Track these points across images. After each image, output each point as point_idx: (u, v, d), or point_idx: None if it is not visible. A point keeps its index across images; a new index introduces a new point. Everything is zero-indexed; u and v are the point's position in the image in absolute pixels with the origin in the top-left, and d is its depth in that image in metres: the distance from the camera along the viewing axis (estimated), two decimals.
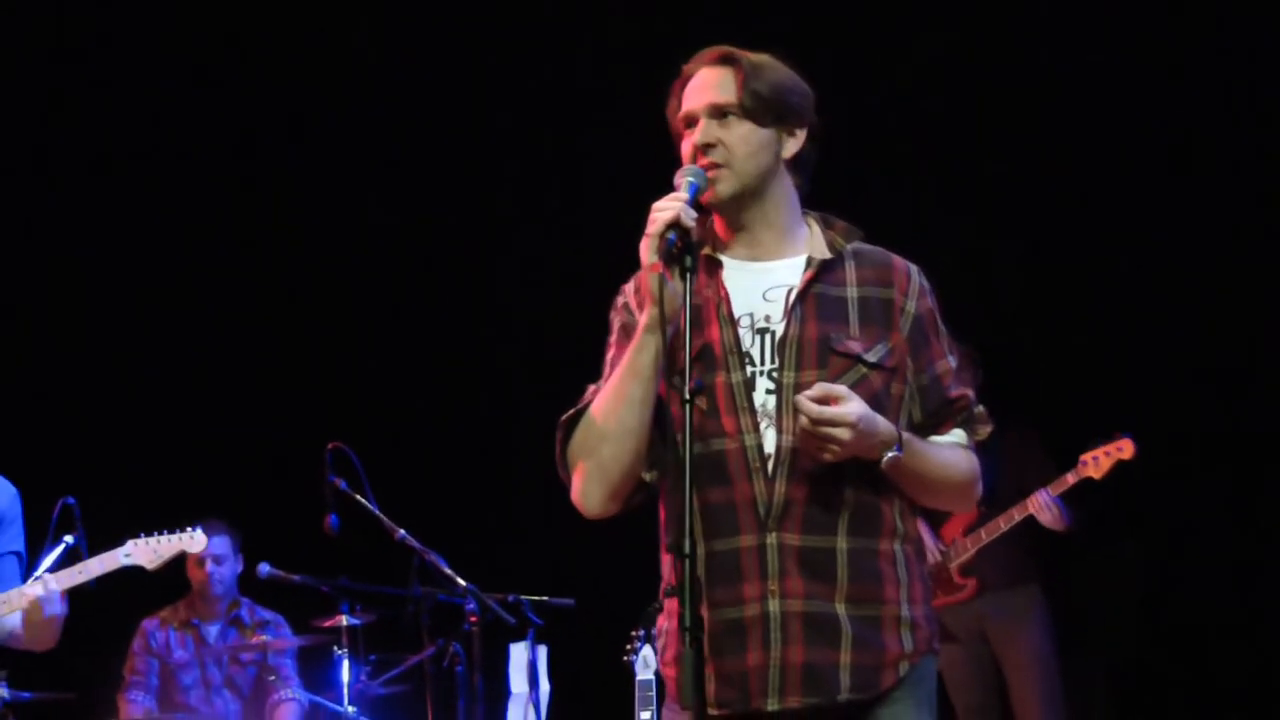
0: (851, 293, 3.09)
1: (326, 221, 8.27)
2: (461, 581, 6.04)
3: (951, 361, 3.17)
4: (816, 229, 3.16)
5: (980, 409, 3.20)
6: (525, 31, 7.99)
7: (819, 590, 2.95)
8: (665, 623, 3.10)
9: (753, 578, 2.95)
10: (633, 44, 7.49)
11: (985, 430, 3.21)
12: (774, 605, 2.94)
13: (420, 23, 8.09)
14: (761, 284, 3.08)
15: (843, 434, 2.86)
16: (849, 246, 3.13)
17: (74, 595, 4.92)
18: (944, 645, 6.29)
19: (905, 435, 3.00)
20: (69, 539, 5.24)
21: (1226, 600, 7.29)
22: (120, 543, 4.87)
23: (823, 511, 2.98)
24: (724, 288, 3.05)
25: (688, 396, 2.85)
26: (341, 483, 6.13)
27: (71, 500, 5.31)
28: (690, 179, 2.98)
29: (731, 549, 2.97)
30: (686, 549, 2.76)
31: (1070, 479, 6.27)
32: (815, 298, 3.06)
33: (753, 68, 3.07)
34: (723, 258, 3.10)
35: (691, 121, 3.07)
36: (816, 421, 2.86)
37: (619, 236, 3.22)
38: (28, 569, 5.06)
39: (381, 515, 6.10)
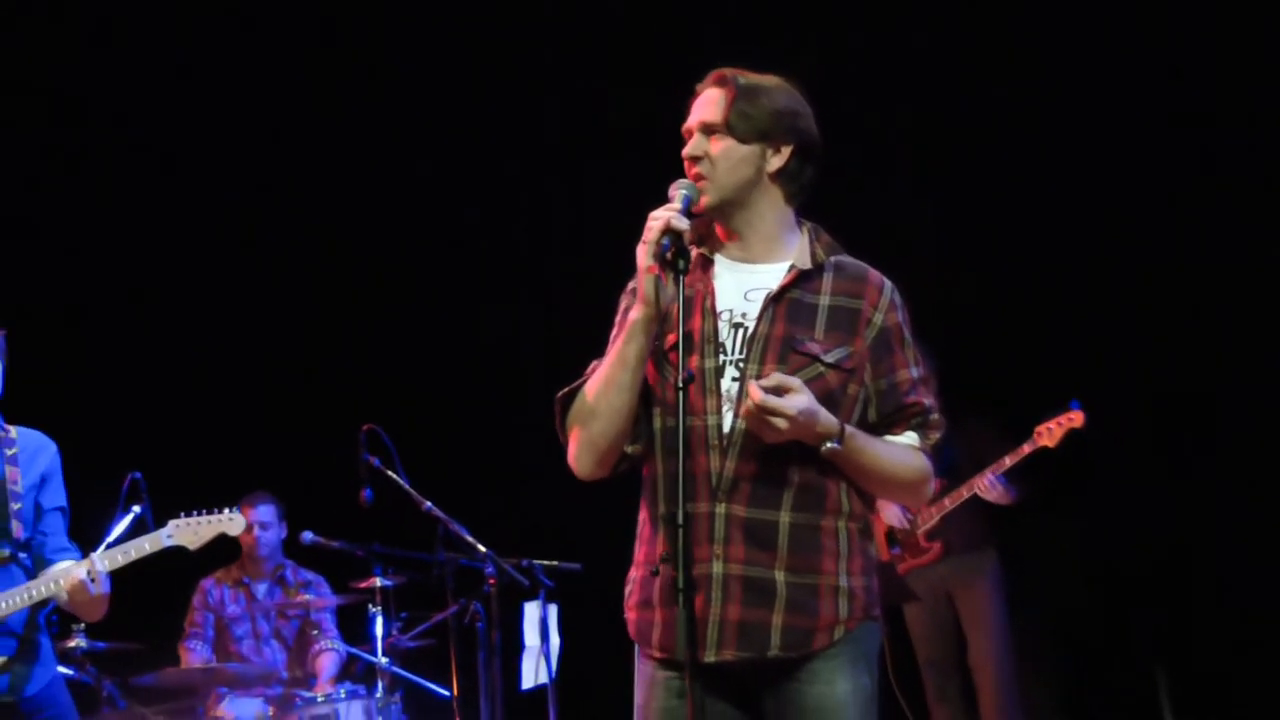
0: (824, 300, 3.07)
1: (367, 228, 8.15)
2: (481, 548, 6.03)
3: (914, 372, 3.13)
4: (807, 239, 3.13)
5: (935, 416, 3.16)
6: (559, 36, 7.86)
7: (759, 558, 2.95)
8: (633, 573, 3.09)
9: (703, 541, 2.95)
10: (649, 55, 7.35)
11: (936, 435, 3.17)
12: (718, 567, 2.94)
13: (453, 24, 7.91)
14: (746, 284, 3.07)
15: (780, 423, 2.86)
16: (831, 259, 3.10)
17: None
18: (910, 604, 6.26)
19: (849, 430, 2.98)
20: (136, 509, 5.25)
21: (1156, 556, 7.20)
22: (163, 524, 4.66)
23: (768, 488, 2.97)
24: (712, 284, 3.06)
25: (680, 385, 2.85)
26: (375, 460, 6.11)
27: (138, 475, 5.35)
28: (684, 191, 2.98)
29: (688, 514, 2.92)
30: (680, 519, 2.79)
31: (1026, 449, 6.23)
32: (789, 301, 3.05)
33: (744, 89, 3.06)
34: (716, 257, 3.10)
35: (689, 134, 3.08)
36: (761, 407, 2.86)
37: (624, 236, 3.21)
38: (95, 541, 4.94)
39: (410, 489, 6.08)
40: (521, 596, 6.24)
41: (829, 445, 2.93)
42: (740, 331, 3.03)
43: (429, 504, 6.05)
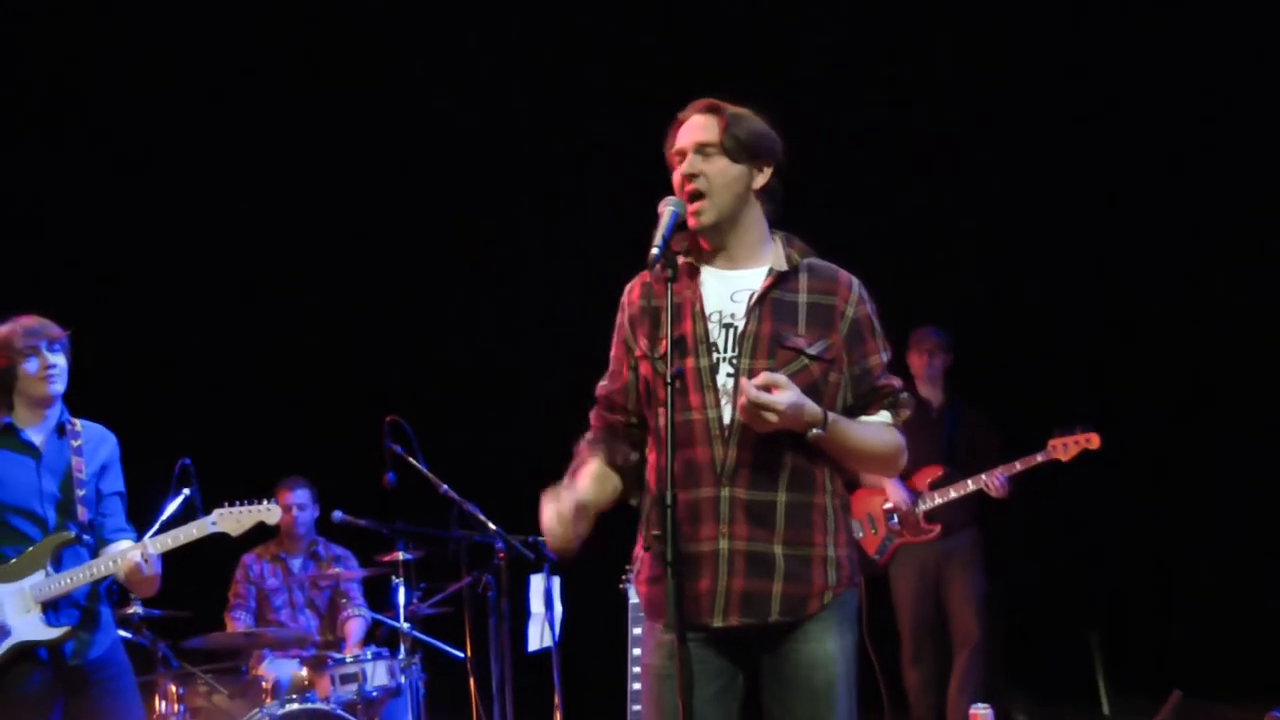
0: (802, 298, 3.14)
1: (393, 243, 8.13)
2: (492, 525, 6.05)
3: (883, 356, 3.21)
4: (780, 245, 3.19)
5: (904, 395, 3.23)
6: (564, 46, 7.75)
7: (760, 534, 3.03)
8: (640, 551, 3.17)
9: (709, 521, 3.03)
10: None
11: (906, 412, 3.24)
12: (724, 544, 3.02)
13: (475, 25, 7.83)
14: (731, 288, 3.13)
15: (770, 416, 2.94)
16: (804, 261, 3.17)
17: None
18: (898, 576, 6.65)
19: (832, 417, 3.04)
20: (186, 491, 5.33)
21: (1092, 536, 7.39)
22: (209, 510, 4.65)
23: (766, 472, 3.05)
24: (700, 290, 3.11)
25: (669, 379, 2.96)
26: (397, 448, 6.11)
27: (188, 461, 5.42)
28: (672, 209, 3.07)
29: (695, 498, 3.05)
30: (669, 499, 2.90)
31: (1039, 458, 6.28)
32: (772, 301, 3.11)
33: (733, 117, 3.14)
34: (702, 266, 3.15)
35: (682, 155, 3.14)
36: (753, 403, 2.94)
37: (626, 233, 3.35)
38: (150, 520, 5.10)
39: (429, 473, 6.09)
40: (528, 569, 6.20)
41: (815, 432, 3.00)
42: (730, 331, 3.10)
43: (445, 486, 6.09)
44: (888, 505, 6.66)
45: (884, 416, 3.21)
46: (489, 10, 7.87)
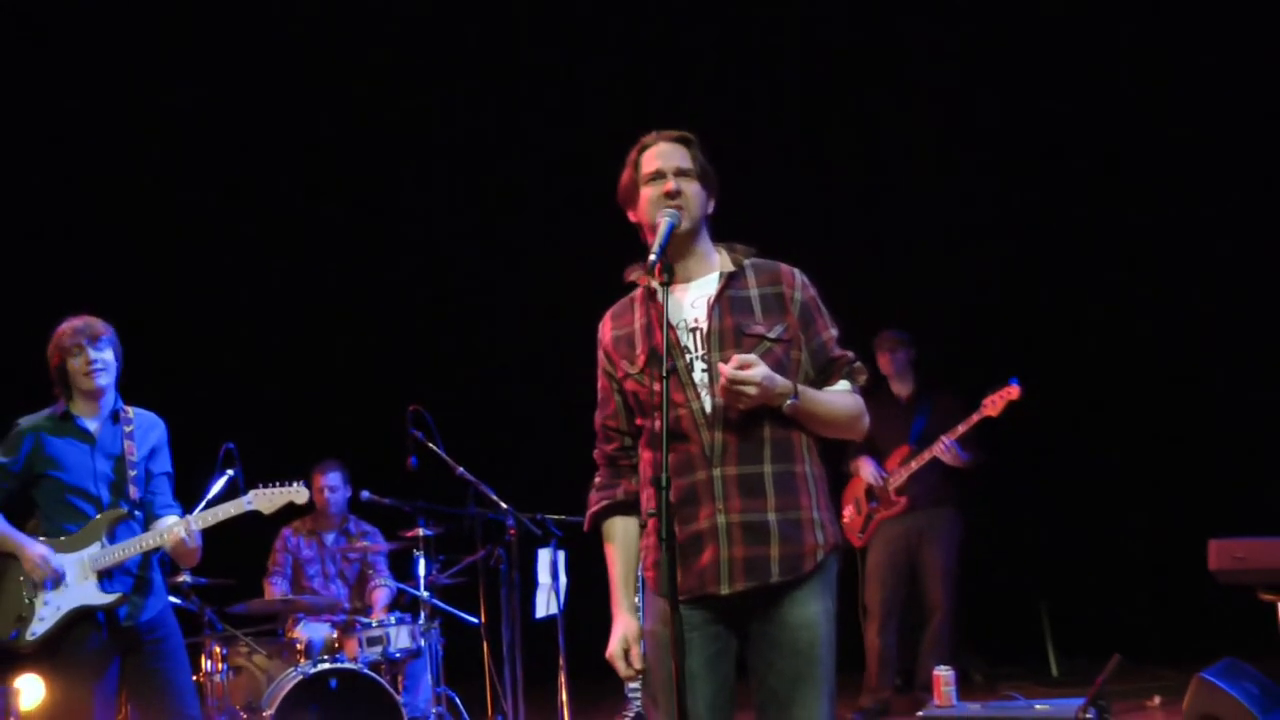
0: (754, 292, 3.23)
1: (414, 250, 8.17)
2: (503, 504, 6.10)
3: (833, 332, 3.28)
4: (724, 253, 3.29)
5: (858, 364, 3.29)
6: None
7: (754, 504, 3.08)
8: (645, 540, 3.22)
9: (706, 501, 3.09)
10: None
11: (863, 378, 3.29)
12: (721, 519, 3.07)
13: (482, 35, 7.77)
14: (690, 297, 3.23)
15: (750, 389, 3.01)
16: (748, 261, 3.27)
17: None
18: (873, 549, 6.40)
19: (801, 388, 3.12)
20: (230, 472, 5.39)
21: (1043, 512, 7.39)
22: (247, 491, 4.72)
23: (751, 447, 3.11)
24: (663, 306, 3.15)
25: (664, 373, 3.03)
26: (419, 434, 6.15)
27: (231, 445, 5.50)
28: (669, 219, 3.15)
29: (691, 482, 3.11)
30: (664, 481, 2.94)
31: (975, 417, 6.39)
32: (728, 299, 3.20)
33: (700, 148, 3.28)
34: (658, 288, 3.19)
35: (660, 176, 3.22)
36: (731, 381, 3.02)
37: (620, 244, 3.36)
38: (197, 497, 5.14)
39: (447, 457, 6.13)
40: (536, 543, 6.27)
41: (789, 402, 3.08)
42: (698, 333, 3.18)
43: (461, 469, 6.14)
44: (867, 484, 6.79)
45: (844, 385, 3.28)
46: (505, 13, 7.83)
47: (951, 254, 7.75)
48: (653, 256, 3.08)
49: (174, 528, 4.52)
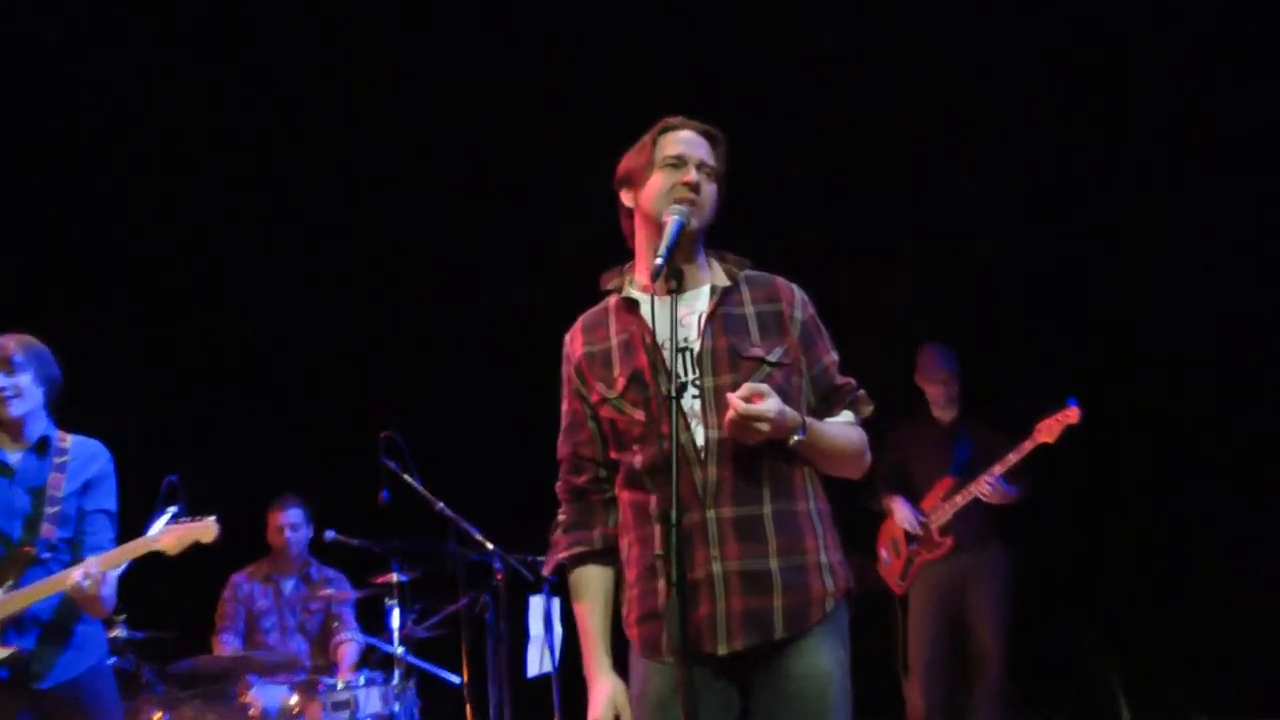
0: (749, 310, 3.10)
1: (387, 262, 8.04)
2: (489, 544, 5.97)
3: (835, 356, 3.19)
4: (715, 263, 3.18)
5: (862, 392, 3.20)
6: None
7: (753, 550, 2.95)
8: (629, 592, 3.07)
9: (700, 546, 2.94)
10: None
11: (867, 409, 3.20)
12: (717, 567, 2.93)
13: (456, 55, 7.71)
14: (678, 313, 3.06)
15: (763, 425, 2.86)
16: (742, 274, 3.16)
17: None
18: (918, 590, 6.41)
19: (807, 420, 3.00)
20: (173, 510, 4.96)
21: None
22: (147, 529, 4.52)
23: (748, 486, 2.98)
24: (644, 321, 3.06)
25: (673, 394, 2.88)
26: (392, 464, 6.03)
27: (175, 478, 5.21)
28: (677, 218, 3.00)
29: (683, 525, 2.92)
30: (674, 517, 2.80)
31: (1027, 445, 6.09)
32: (721, 317, 3.07)
33: (726, 146, 3.17)
34: (639, 296, 3.10)
35: (680, 163, 3.09)
36: (744, 416, 2.87)
37: (624, 251, 3.24)
38: (138, 535, 4.75)
39: (424, 490, 6.00)
40: (527, 589, 6.15)
41: (796, 437, 2.95)
42: (688, 354, 3.04)
43: (441, 504, 5.99)
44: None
45: (847, 416, 3.16)
46: (467, 44, 7.83)
47: (979, 245, 7.40)
48: (659, 259, 2.92)
49: (71, 572, 4.23)
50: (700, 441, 2.97)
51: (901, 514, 6.45)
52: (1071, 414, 6.01)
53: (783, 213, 6.89)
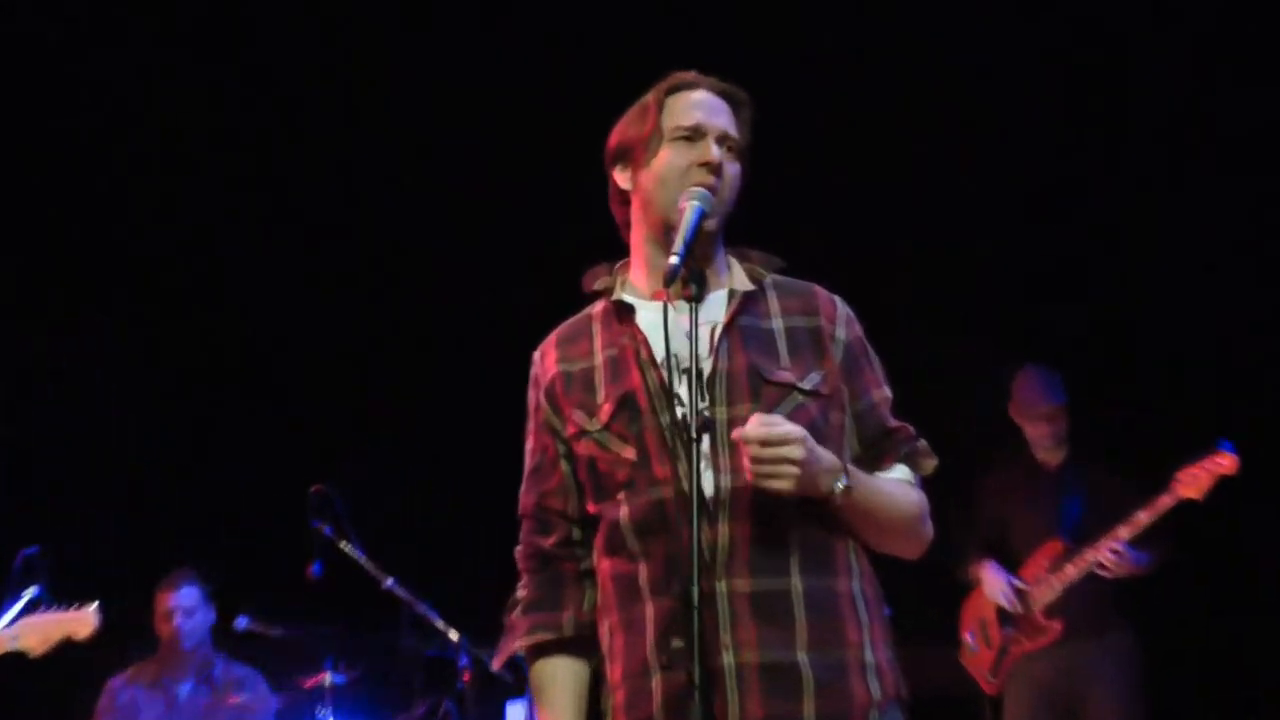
0: (777, 323, 2.81)
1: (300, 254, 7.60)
2: (454, 634, 5.54)
3: (886, 391, 2.87)
4: (734, 263, 2.89)
5: (923, 443, 2.84)
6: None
7: (776, 638, 2.62)
8: (615, 696, 2.68)
9: (707, 629, 2.63)
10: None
11: (930, 465, 2.84)
12: (728, 658, 2.59)
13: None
14: (682, 324, 2.72)
15: (789, 469, 2.48)
16: (769, 278, 2.84)
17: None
18: (1016, 692, 5.73)
19: (852, 469, 2.68)
20: (33, 589, 4.82)
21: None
22: (11, 623, 4.51)
23: (771, 553, 2.64)
24: (640, 332, 2.73)
25: (694, 435, 2.55)
26: (325, 528, 5.53)
27: (33, 550, 4.93)
28: (696, 203, 2.68)
29: (683, 600, 2.67)
30: (695, 599, 2.50)
31: (1166, 501, 5.36)
32: (741, 330, 2.76)
33: (751, 119, 2.88)
34: (635, 300, 2.78)
35: (699, 134, 2.77)
36: (765, 443, 2.50)
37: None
38: None
39: (367, 562, 5.54)
40: (504, 693, 5.86)
41: (838, 486, 2.61)
42: (694, 376, 2.72)
43: (391, 580, 5.55)
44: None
45: (902, 472, 2.80)
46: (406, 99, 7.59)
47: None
48: (674, 258, 2.57)
49: None
50: (709, 491, 2.68)
51: (994, 586, 5.73)
52: (1225, 461, 5.29)
53: (782, 213, 6.91)
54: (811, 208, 7.34)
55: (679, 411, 2.71)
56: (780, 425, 2.59)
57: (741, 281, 2.84)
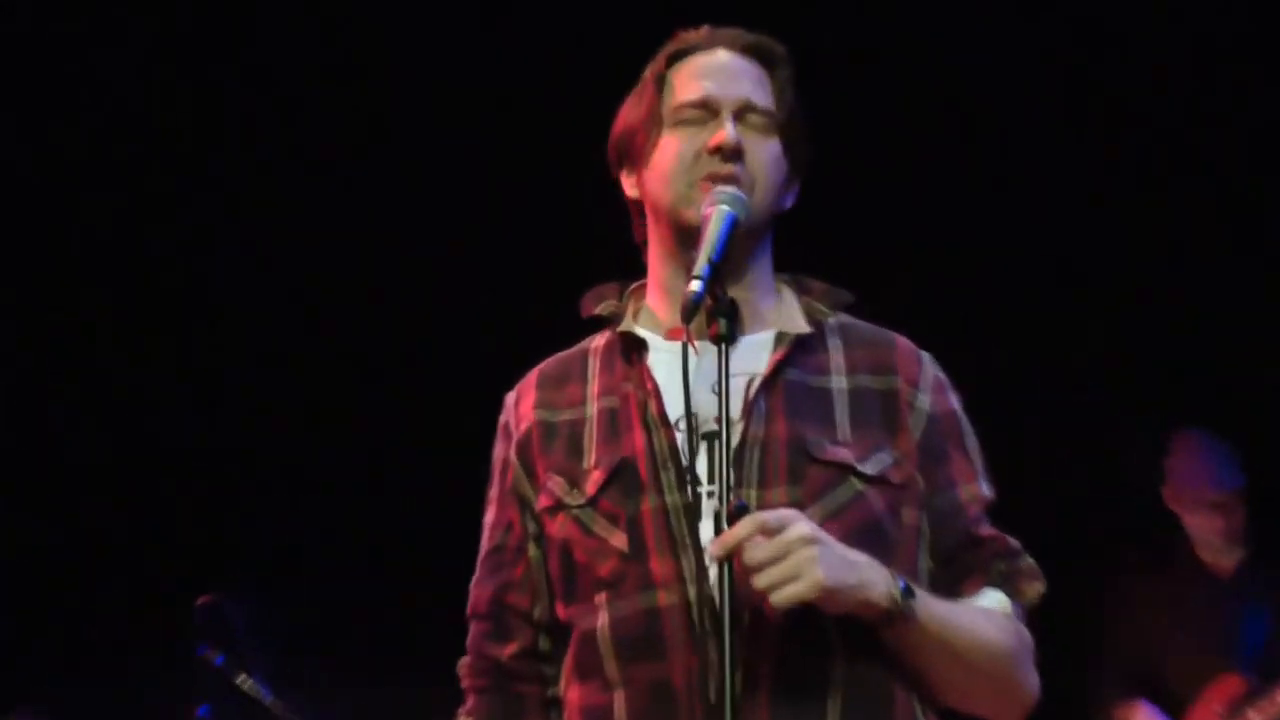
0: (839, 382, 2.26)
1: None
2: None
3: (984, 489, 2.21)
4: (789, 296, 2.32)
5: (1028, 562, 2.18)
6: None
7: None
8: None
9: None
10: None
11: (1034, 591, 2.17)
12: None
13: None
14: (709, 372, 2.17)
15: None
16: (832, 319, 2.26)
17: None
18: None
19: (919, 592, 2.08)
20: None
21: None
22: None
23: (803, 695, 2.08)
24: (652, 379, 2.20)
25: (728, 511, 2.04)
26: (216, 656, 4.54)
27: None
28: (726, 209, 2.12)
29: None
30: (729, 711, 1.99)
31: None
32: (786, 387, 2.22)
33: (790, 77, 2.27)
34: (648, 335, 2.22)
35: (707, 109, 2.22)
36: (763, 533, 1.98)
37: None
38: None
39: (274, 702, 4.51)
40: None
41: (893, 607, 2.03)
42: (715, 443, 2.17)
43: None
44: None
45: (995, 600, 2.14)
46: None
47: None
48: (696, 283, 2.04)
49: None
50: (716, 601, 2.15)
51: None
52: None
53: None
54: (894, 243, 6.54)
55: (689, 491, 2.23)
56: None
57: (794, 321, 2.36)
